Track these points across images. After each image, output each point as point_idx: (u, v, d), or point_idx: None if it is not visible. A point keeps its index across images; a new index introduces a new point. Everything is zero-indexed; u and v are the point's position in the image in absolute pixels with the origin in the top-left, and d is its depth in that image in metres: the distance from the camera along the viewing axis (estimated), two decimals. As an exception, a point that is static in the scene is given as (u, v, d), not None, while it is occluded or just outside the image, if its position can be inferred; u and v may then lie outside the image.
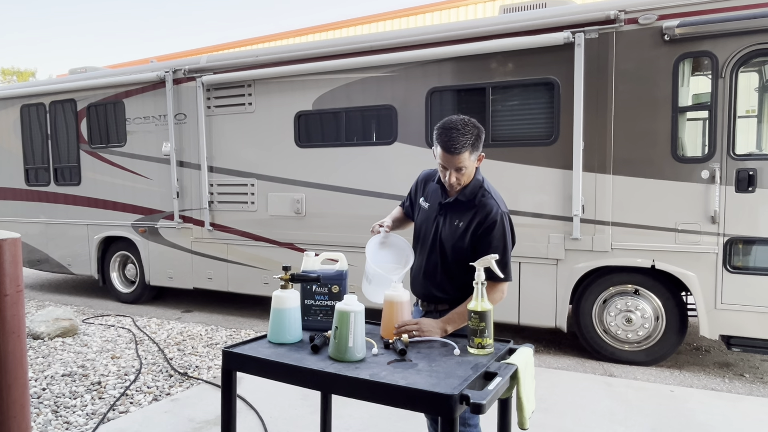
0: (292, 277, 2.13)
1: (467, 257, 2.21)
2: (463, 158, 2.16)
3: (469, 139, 2.15)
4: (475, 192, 2.29)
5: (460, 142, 2.13)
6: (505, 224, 2.25)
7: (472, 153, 2.18)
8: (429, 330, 2.10)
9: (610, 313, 4.72)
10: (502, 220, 2.24)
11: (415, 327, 2.08)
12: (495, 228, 2.22)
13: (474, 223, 2.25)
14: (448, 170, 2.21)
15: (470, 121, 2.20)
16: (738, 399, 3.94)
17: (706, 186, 4.26)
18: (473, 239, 2.26)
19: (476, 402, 1.51)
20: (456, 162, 2.17)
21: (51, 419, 3.59)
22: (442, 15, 13.43)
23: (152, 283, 6.98)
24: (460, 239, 2.27)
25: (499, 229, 2.23)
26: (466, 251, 2.26)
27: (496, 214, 2.23)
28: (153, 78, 6.54)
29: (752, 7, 4.03)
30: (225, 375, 1.99)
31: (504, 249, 2.22)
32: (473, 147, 2.17)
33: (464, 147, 2.14)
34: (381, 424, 3.44)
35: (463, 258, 2.24)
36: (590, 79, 4.54)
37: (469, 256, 2.21)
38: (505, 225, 2.25)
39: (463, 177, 2.23)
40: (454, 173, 2.21)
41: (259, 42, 16.08)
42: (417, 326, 2.09)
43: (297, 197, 5.87)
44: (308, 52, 5.70)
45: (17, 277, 2.01)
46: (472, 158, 2.20)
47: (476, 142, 2.18)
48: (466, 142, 2.14)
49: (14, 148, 7.83)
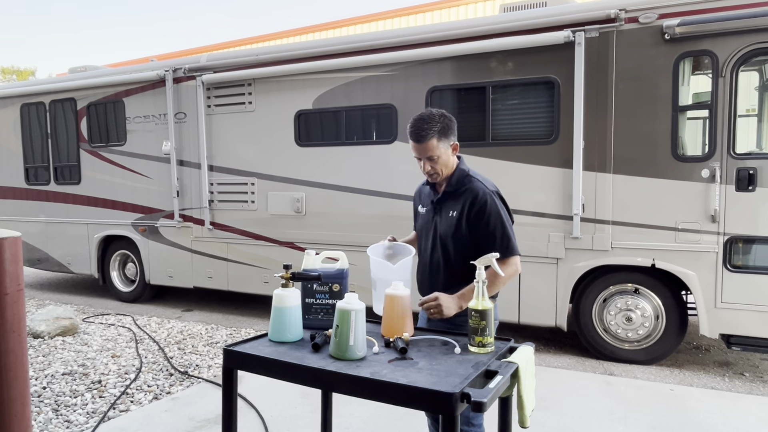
0: (293, 276, 2.13)
1: (467, 247, 2.27)
2: (431, 146, 2.24)
3: (435, 126, 2.24)
4: (462, 180, 2.35)
5: (425, 130, 2.23)
6: (495, 202, 2.29)
7: (440, 140, 2.26)
8: (447, 306, 2.16)
9: (610, 312, 4.72)
10: (492, 199, 2.29)
11: (435, 303, 2.15)
12: (486, 208, 2.27)
13: (466, 209, 2.30)
14: (422, 160, 2.30)
15: (438, 111, 2.30)
16: (738, 398, 3.95)
17: (707, 185, 4.26)
18: (469, 225, 2.30)
19: (477, 400, 1.51)
20: (426, 150, 2.25)
21: (52, 418, 3.59)
22: (442, 14, 13.43)
23: (152, 282, 6.98)
24: (457, 229, 2.32)
25: (492, 208, 2.27)
26: (465, 240, 2.30)
27: (484, 195, 2.29)
28: (153, 77, 6.53)
29: (752, 6, 4.03)
30: (226, 373, 1.99)
31: (502, 226, 2.27)
32: (441, 134, 2.25)
33: (430, 134, 2.23)
34: (381, 423, 3.44)
35: (464, 249, 2.29)
36: (590, 78, 4.54)
37: (469, 245, 2.27)
38: (496, 202, 2.29)
39: (437, 165, 2.30)
40: (428, 162, 2.29)
41: (259, 41, 16.08)
42: (436, 302, 2.15)
43: (297, 196, 5.87)
44: (308, 51, 5.70)
45: (18, 275, 2.01)
46: (442, 146, 2.27)
47: (444, 129, 2.26)
48: (431, 128, 2.23)
49: (14, 147, 7.83)
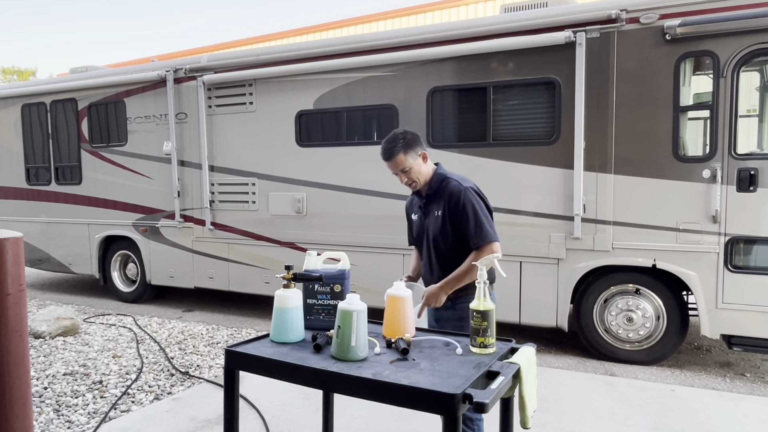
0: (295, 277, 2.13)
1: (455, 242, 2.52)
2: (400, 160, 2.51)
3: (399, 143, 2.50)
4: (440, 182, 2.58)
5: (391, 149, 2.51)
6: (469, 195, 2.50)
7: (407, 153, 2.51)
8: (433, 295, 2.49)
9: (611, 312, 4.72)
10: (465, 193, 2.50)
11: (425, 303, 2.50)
12: (460, 201, 2.48)
13: (445, 206, 2.53)
14: (397, 175, 2.58)
15: (400, 130, 2.57)
16: (739, 398, 3.94)
17: (708, 185, 4.26)
18: (451, 220, 2.52)
19: (479, 401, 1.51)
20: (396, 165, 2.52)
21: (53, 418, 3.59)
22: (443, 14, 13.43)
23: (153, 282, 6.98)
24: (443, 226, 2.54)
25: (466, 200, 2.48)
26: (452, 236, 2.53)
27: (458, 190, 2.50)
28: (154, 77, 6.54)
29: (753, 7, 4.03)
30: (228, 374, 1.99)
31: (475, 215, 2.47)
32: (406, 148, 2.50)
33: (396, 151, 2.49)
34: (382, 424, 3.44)
35: (453, 244, 2.53)
36: (591, 78, 4.54)
37: (456, 240, 2.52)
38: (469, 195, 2.49)
39: (411, 175, 2.55)
40: (402, 175, 2.56)
41: (260, 41, 16.08)
42: (425, 301, 2.50)
43: (298, 197, 5.87)
44: (309, 52, 5.70)
45: (19, 276, 2.01)
46: (410, 158, 2.52)
47: (408, 144, 2.51)
48: (396, 145, 2.50)
49: (15, 148, 7.84)
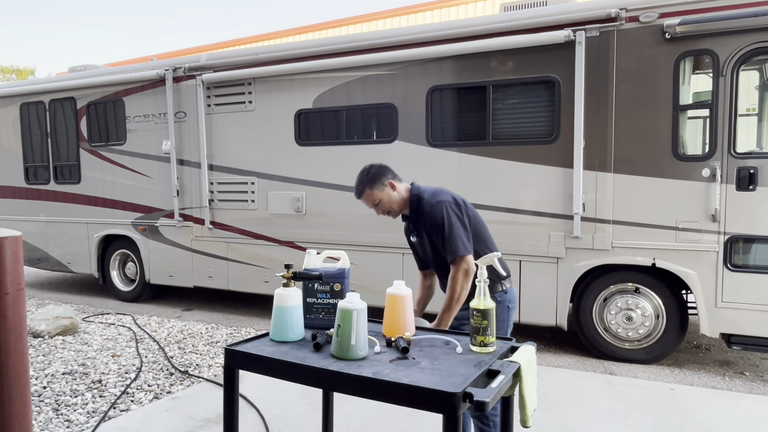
0: (295, 275, 2.12)
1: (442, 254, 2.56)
2: (367, 196, 2.61)
3: (363, 182, 2.60)
4: (415, 203, 2.64)
5: (357, 188, 2.63)
6: (439, 210, 2.52)
7: (373, 188, 2.60)
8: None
9: (610, 311, 4.72)
10: (433, 209, 2.54)
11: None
12: (430, 218, 2.54)
13: (422, 225, 2.60)
14: (372, 209, 2.67)
15: (365, 167, 2.65)
16: (738, 397, 3.94)
17: (707, 184, 4.26)
18: (429, 237, 2.59)
19: (480, 400, 1.51)
20: (368, 201, 2.63)
21: (52, 417, 3.59)
22: (443, 13, 13.43)
23: (152, 281, 6.98)
24: (430, 243, 2.61)
25: (435, 216, 2.52)
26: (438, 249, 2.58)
27: (430, 207, 2.55)
28: (153, 76, 6.53)
29: (753, 6, 4.03)
30: (227, 373, 1.98)
31: (444, 230, 2.49)
32: (371, 184, 2.60)
33: (362, 188, 2.61)
34: (382, 423, 3.44)
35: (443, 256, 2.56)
36: (591, 77, 4.53)
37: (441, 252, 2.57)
38: (439, 210, 2.52)
39: (383, 206, 2.64)
40: (376, 209, 2.65)
41: (259, 40, 16.06)
42: None
43: (297, 195, 5.87)
44: (308, 50, 5.69)
45: (18, 275, 2.00)
46: (376, 192, 2.60)
47: (372, 179, 2.60)
48: (361, 184, 2.61)
49: (14, 147, 7.82)
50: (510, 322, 2.65)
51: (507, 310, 2.61)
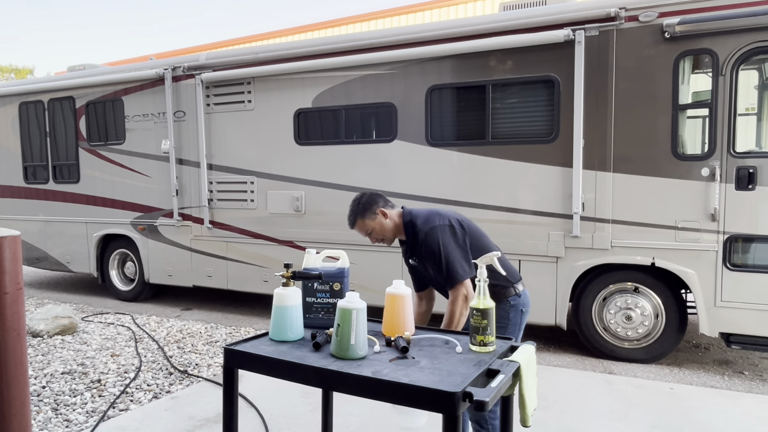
0: (294, 275, 2.12)
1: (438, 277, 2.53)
2: (360, 226, 2.62)
3: (354, 212, 2.62)
4: (409, 228, 2.61)
5: (349, 218, 2.65)
6: (433, 237, 2.49)
7: (364, 218, 2.60)
8: None
9: (609, 310, 4.72)
10: (427, 237, 2.51)
11: None
12: (425, 246, 2.51)
13: (418, 251, 2.58)
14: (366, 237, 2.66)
15: (356, 197, 2.66)
16: (737, 396, 3.95)
17: (706, 184, 4.26)
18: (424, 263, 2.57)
19: (479, 399, 1.50)
20: (360, 231, 2.64)
21: (51, 417, 3.58)
22: (442, 12, 13.42)
23: (151, 281, 6.97)
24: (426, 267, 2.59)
25: (431, 243, 2.49)
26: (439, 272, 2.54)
27: (424, 235, 2.52)
28: (152, 75, 6.52)
29: (753, 5, 4.03)
30: (227, 372, 1.98)
31: (440, 257, 2.46)
32: (362, 214, 2.61)
33: (354, 219, 2.63)
34: (382, 422, 3.44)
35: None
36: (590, 76, 4.53)
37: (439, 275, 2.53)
38: (433, 237, 2.49)
39: (377, 235, 2.63)
40: (369, 237, 2.66)
41: (258, 39, 16.05)
42: None
43: (296, 195, 5.86)
44: (308, 50, 5.69)
45: (17, 274, 2.00)
46: (368, 221, 2.60)
47: (363, 209, 2.60)
48: (353, 215, 2.63)
49: (13, 146, 7.81)
50: (523, 325, 2.64)
51: (521, 314, 2.61)
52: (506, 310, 2.56)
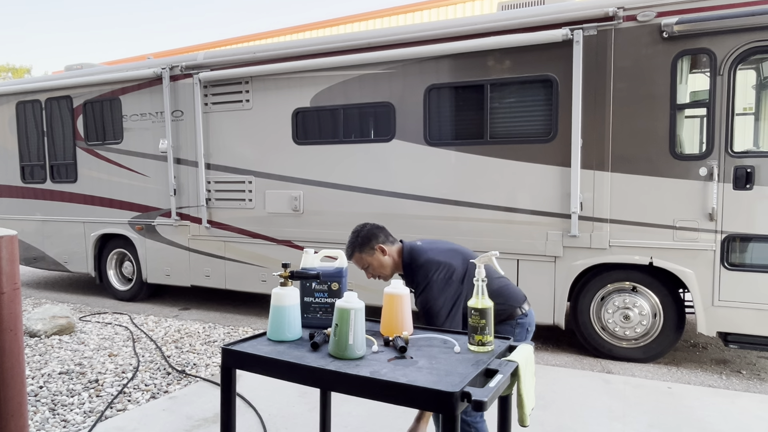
0: (292, 275, 2.12)
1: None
2: (357, 259, 2.53)
3: (353, 244, 2.52)
4: (408, 266, 2.53)
5: (348, 251, 2.53)
6: (429, 284, 2.40)
7: (363, 252, 2.51)
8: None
9: (608, 310, 4.72)
10: (426, 284, 2.41)
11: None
12: (420, 293, 2.43)
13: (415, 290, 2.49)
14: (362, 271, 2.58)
15: (357, 229, 2.56)
16: (735, 395, 3.95)
17: (704, 183, 4.27)
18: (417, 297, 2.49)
19: (478, 399, 1.50)
20: (357, 264, 2.55)
21: (48, 417, 3.57)
22: (440, 12, 13.43)
23: (149, 280, 6.96)
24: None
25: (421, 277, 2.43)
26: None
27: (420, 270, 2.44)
28: (150, 75, 6.50)
29: (751, 5, 4.04)
30: (224, 372, 1.98)
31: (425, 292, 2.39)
32: (360, 248, 2.51)
33: (351, 251, 2.53)
34: (380, 422, 3.43)
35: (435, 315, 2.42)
36: (589, 76, 4.54)
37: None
38: (429, 284, 2.40)
39: (373, 270, 2.55)
40: (366, 272, 2.57)
41: (256, 39, 16.03)
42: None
43: (295, 194, 5.86)
44: (306, 49, 5.68)
45: (14, 274, 2.00)
46: (366, 256, 2.51)
47: (362, 243, 2.51)
48: (351, 247, 2.53)
49: (10, 145, 7.79)
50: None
51: (526, 332, 2.60)
52: (512, 326, 2.55)
